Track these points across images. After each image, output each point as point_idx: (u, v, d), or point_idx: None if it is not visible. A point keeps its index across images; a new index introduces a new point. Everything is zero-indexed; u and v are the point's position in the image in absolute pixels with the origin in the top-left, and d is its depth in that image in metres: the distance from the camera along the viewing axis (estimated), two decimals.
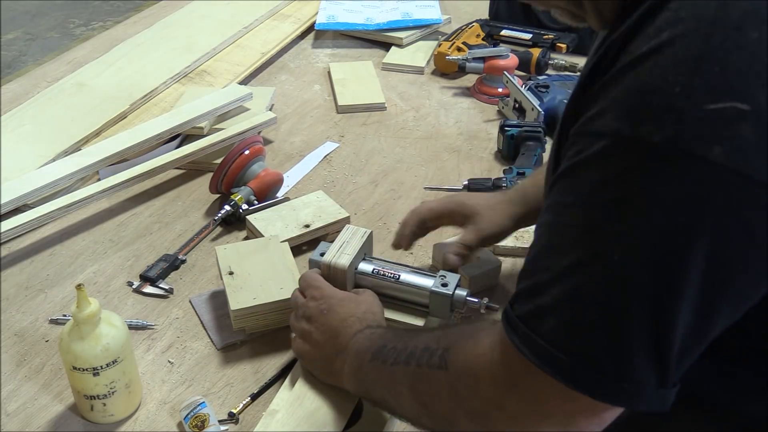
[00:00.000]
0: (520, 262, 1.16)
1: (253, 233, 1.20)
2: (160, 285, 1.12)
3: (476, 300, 0.95)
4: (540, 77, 1.62)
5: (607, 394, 0.59)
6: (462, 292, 0.95)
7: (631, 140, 0.55)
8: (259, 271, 1.05)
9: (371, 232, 1.01)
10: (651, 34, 0.56)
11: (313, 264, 0.99)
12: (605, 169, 0.58)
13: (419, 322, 0.95)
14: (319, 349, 0.89)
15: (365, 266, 0.99)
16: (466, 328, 0.76)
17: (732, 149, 0.53)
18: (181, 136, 1.45)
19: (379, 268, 0.98)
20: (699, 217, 0.55)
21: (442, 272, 0.98)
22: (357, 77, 1.70)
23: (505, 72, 1.59)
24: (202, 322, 1.06)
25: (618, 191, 0.57)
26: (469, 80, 1.71)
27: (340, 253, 0.97)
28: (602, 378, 0.59)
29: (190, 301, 1.10)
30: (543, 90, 1.52)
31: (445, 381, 0.72)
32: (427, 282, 0.95)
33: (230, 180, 1.28)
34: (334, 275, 0.96)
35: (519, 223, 1.05)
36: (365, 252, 1.01)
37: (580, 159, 0.60)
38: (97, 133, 1.47)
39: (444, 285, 0.95)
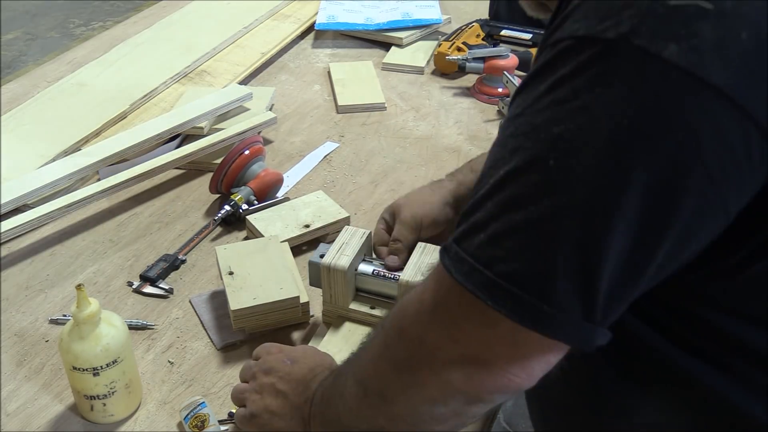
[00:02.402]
0: None
1: (253, 233, 1.20)
2: (160, 285, 1.12)
3: None
4: None
5: (525, 315, 0.55)
6: None
7: (586, 39, 0.52)
8: (259, 271, 1.05)
9: (371, 233, 1.02)
10: None
11: (312, 266, 0.99)
12: (555, 73, 0.53)
13: None
14: (283, 399, 0.80)
15: (365, 267, 0.99)
16: (374, 336, 0.71)
17: (688, 48, 0.49)
18: (181, 136, 1.45)
19: (380, 269, 0.99)
20: (644, 121, 0.50)
21: None
22: (357, 77, 1.70)
23: (505, 72, 1.59)
24: (202, 322, 1.06)
25: (562, 92, 0.53)
26: (469, 80, 1.71)
27: (339, 254, 0.97)
28: (522, 297, 0.54)
29: (190, 301, 1.10)
30: None
31: (379, 340, 0.68)
32: None
33: (230, 180, 1.28)
34: (334, 277, 0.97)
35: (457, 201, 1.00)
36: (365, 253, 1.01)
37: (535, 69, 0.56)
38: (97, 133, 1.47)
39: None
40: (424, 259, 0.97)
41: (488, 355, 0.59)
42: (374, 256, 1.03)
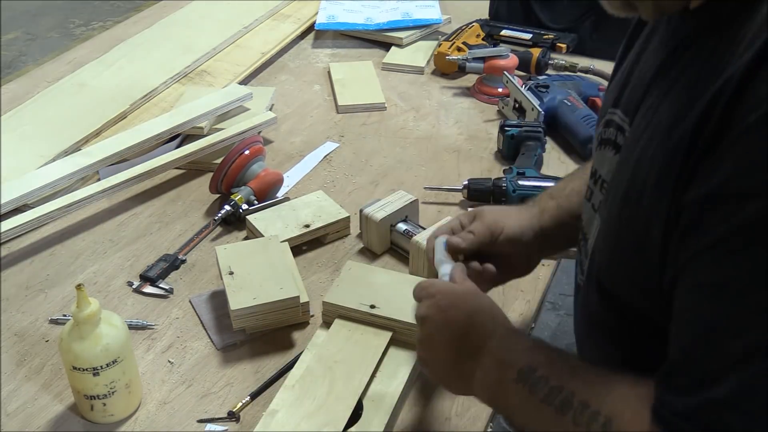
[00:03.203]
0: None
1: (253, 233, 1.20)
2: (160, 285, 1.12)
3: None
4: (540, 77, 1.62)
5: None
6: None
7: None
8: (259, 271, 1.05)
9: (416, 200, 1.20)
10: None
11: (362, 214, 1.15)
12: None
13: None
14: (441, 351, 0.77)
15: (402, 226, 1.17)
16: (628, 391, 0.64)
17: None
18: (181, 136, 1.45)
19: (411, 230, 1.15)
20: None
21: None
22: (357, 77, 1.70)
23: (505, 72, 1.59)
24: (202, 322, 1.06)
25: None
26: (469, 80, 1.71)
27: (379, 209, 1.16)
28: None
29: (190, 301, 1.10)
30: (543, 90, 1.52)
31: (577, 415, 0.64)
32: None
33: (230, 180, 1.28)
34: (368, 226, 1.16)
35: (541, 232, 0.93)
36: (406, 214, 1.18)
37: (732, 227, 0.53)
38: (97, 133, 1.47)
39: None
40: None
41: None
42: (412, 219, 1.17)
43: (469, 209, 1.06)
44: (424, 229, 1.14)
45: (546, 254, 1.00)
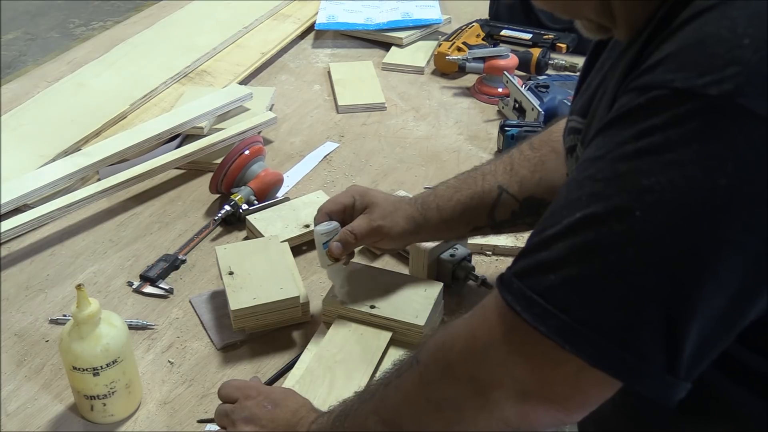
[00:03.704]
0: None
1: (253, 233, 1.20)
2: (160, 285, 1.12)
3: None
4: (540, 77, 1.62)
5: (606, 361, 0.54)
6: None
7: (683, 92, 0.50)
8: (259, 271, 1.05)
9: None
10: None
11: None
12: (644, 121, 0.52)
13: (420, 321, 0.96)
14: None
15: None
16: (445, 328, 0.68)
17: None
18: (181, 136, 1.45)
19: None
20: (746, 182, 0.49)
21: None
22: (357, 77, 1.70)
23: (505, 72, 1.59)
24: (202, 322, 1.06)
25: (652, 142, 0.51)
26: (469, 80, 1.71)
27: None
28: (602, 342, 0.53)
29: (190, 301, 1.10)
30: (543, 90, 1.52)
31: (415, 377, 0.66)
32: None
33: (230, 180, 1.28)
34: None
35: (417, 228, 0.98)
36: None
37: (620, 113, 0.54)
38: (97, 133, 1.47)
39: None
40: None
41: (547, 392, 0.59)
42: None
43: (365, 190, 1.02)
44: None
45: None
